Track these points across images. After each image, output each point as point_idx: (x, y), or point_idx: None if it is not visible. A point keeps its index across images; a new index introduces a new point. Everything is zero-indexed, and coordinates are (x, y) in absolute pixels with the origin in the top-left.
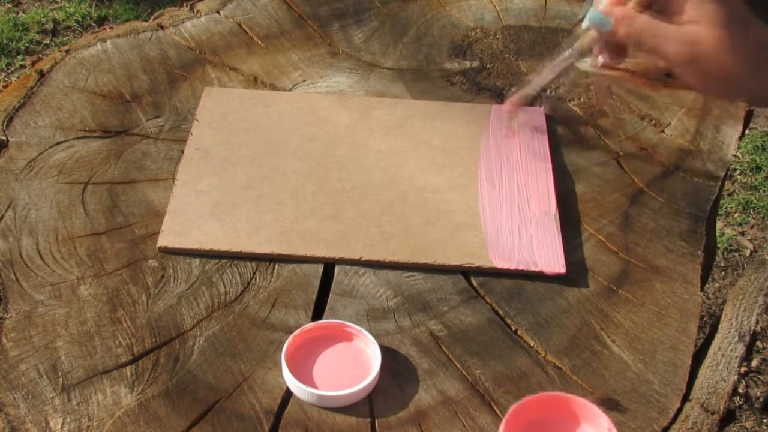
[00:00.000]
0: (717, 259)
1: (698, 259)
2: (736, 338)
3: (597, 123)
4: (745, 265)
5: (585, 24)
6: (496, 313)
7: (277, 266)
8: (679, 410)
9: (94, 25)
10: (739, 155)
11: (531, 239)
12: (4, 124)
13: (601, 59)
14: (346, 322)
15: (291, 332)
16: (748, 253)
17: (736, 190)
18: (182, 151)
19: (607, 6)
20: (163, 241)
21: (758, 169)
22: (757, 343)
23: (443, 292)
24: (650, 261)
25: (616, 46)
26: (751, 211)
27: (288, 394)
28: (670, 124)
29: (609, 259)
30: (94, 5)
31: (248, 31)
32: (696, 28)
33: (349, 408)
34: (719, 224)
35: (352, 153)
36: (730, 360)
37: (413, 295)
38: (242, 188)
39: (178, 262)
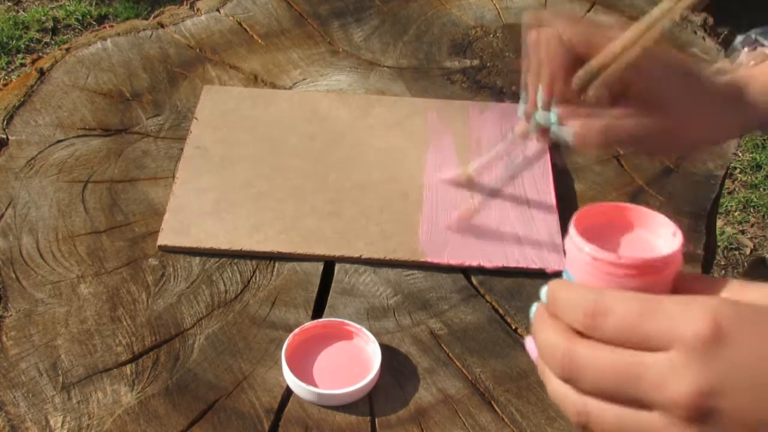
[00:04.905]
0: (717, 257)
1: (698, 257)
2: None
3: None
4: (745, 264)
5: (554, 137)
6: (496, 311)
7: (277, 264)
8: None
9: (94, 23)
10: (739, 154)
11: (531, 237)
12: (5, 123)
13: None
14: (346, 321)
15: (291, 331)
16: (748, 251)
17: (736, 189)
18: (182, 150)
19: (561, 111)
20: (163, 239)
21: (758, 167)
22: None
23: (443, 291)
24: None
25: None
26: (752, 210)
27: (288, 392)
28: None
29: None
30: (94, 4)
31: (248, 29)
32: (662, 113)
33: (349, 406)
34: (719, 223)
35: (352, 151)
36: None
37: (413, 293)
38: (242, 186)
39: (178, 261)
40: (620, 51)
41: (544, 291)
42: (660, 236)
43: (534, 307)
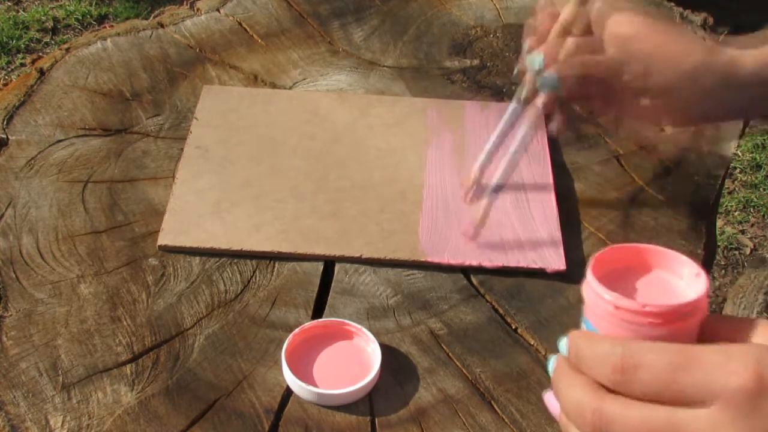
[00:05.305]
0: (717, 257)
1: (698, 257)
2: None
3: (597, 121)
4: (745, 264)
5: (540, 88)
6: (496, 311)
7: (277, 264)
8: None
9: (94, 23)
10: (740, 153)
11: (531, 237)
12: (5, 123)
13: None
14: (346, 321)
15: (291, 330)
16: (748, 251)
17: (736, 189)
18: (182, 150)
19: (547, 61)
20: (163, 239)
21: (758, 167)
22: None
23: (443, 291)
24: None
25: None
26: (751, 210)
27: (288, 392)
28: None
29: None
30: (94, 3)
31: (248, 29)
32: (628, 38)
33: (349, 406)
34: (719, 222)
35: (352, 151)
36: None
37: (413, 293)
38: (242, 186)
39: (178, 261)
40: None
41: (563, 343)
42: (682, 277)
43: (552, 361)
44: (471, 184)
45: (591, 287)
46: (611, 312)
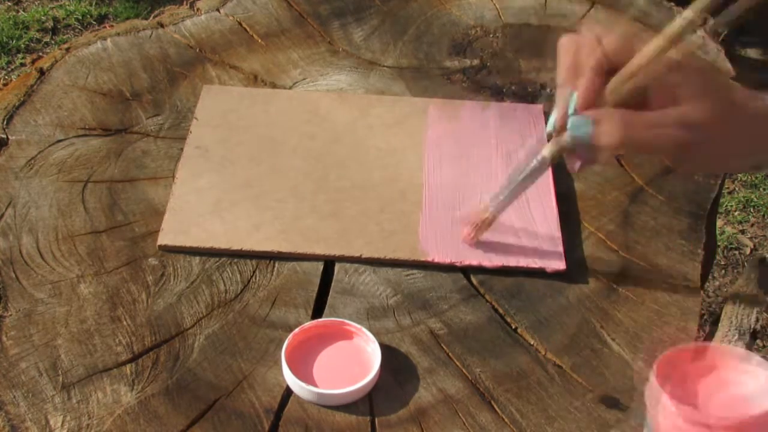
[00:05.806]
0: (717, 257)
1: (698, 257)
2: (736, 336)
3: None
4: (745, 263)
5: (568, 135)
6: (496, 311)
7: (277, 264)
8: None
9: (94, 23)
10: None
11: (531, 237)
12: (5, 123)
13: (576, 166)
14: (346, 321)
15: (291, 330)
16: (748, 251)
17: (737, 189)
18: (182, 150)
19: (581, 107)
20: (163, 239)
21: None
22: (758, 341)
23: (443, 290)
24: (650, 259)
25: (591, 149)
26: (752, 210)
27: (288, 392)
28: None
29: (609, 257)
30: (94, 3)
31: (248, 29)
32: (686, 108)
33: (349, 406)
34: (719, 222)
35: (352, 151)
36: None
37: (413, 293)
38: (242, 186)
39: (178, 260)
40: (651, 58)
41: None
42: (749, 377)
43: None
44: (478, 224)
45: (657, 396)
46: (681, 426)
